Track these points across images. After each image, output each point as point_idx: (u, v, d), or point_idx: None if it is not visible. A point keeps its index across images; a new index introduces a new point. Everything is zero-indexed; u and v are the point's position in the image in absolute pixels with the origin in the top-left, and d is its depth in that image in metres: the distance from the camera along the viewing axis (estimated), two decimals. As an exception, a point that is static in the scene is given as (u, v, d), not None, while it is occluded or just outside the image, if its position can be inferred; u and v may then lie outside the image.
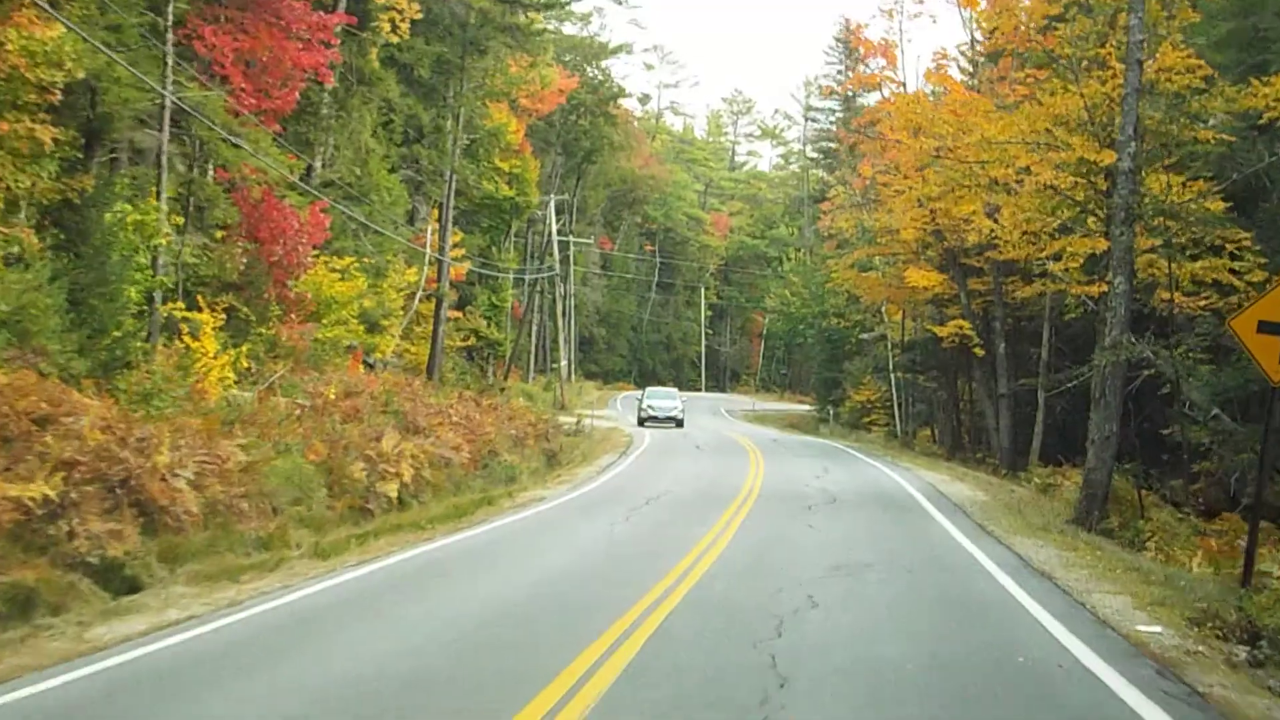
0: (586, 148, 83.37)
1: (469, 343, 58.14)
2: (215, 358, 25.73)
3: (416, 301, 50.46)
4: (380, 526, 17.85)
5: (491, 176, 66.85)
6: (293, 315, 32.14)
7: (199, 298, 27.26)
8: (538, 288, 70.37)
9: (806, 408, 76.52)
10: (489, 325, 69.10)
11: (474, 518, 19.92)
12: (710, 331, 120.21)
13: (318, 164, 38.62)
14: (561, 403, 62.28)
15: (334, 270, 35.03)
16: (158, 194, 25.52)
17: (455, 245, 56.53)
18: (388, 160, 45.43)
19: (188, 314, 25.83)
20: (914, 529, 18.42)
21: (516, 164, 68.36)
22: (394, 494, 20.69)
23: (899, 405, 54.86)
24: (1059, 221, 24.40)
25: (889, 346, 55.23)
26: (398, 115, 47.55)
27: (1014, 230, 27.12)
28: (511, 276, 71.31)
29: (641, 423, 53.55)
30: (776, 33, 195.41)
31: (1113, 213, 20.08)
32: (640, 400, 57.85)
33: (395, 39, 44.48)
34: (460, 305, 58.27)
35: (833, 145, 74.51)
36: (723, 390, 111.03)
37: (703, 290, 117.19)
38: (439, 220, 52.59)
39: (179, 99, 25.89)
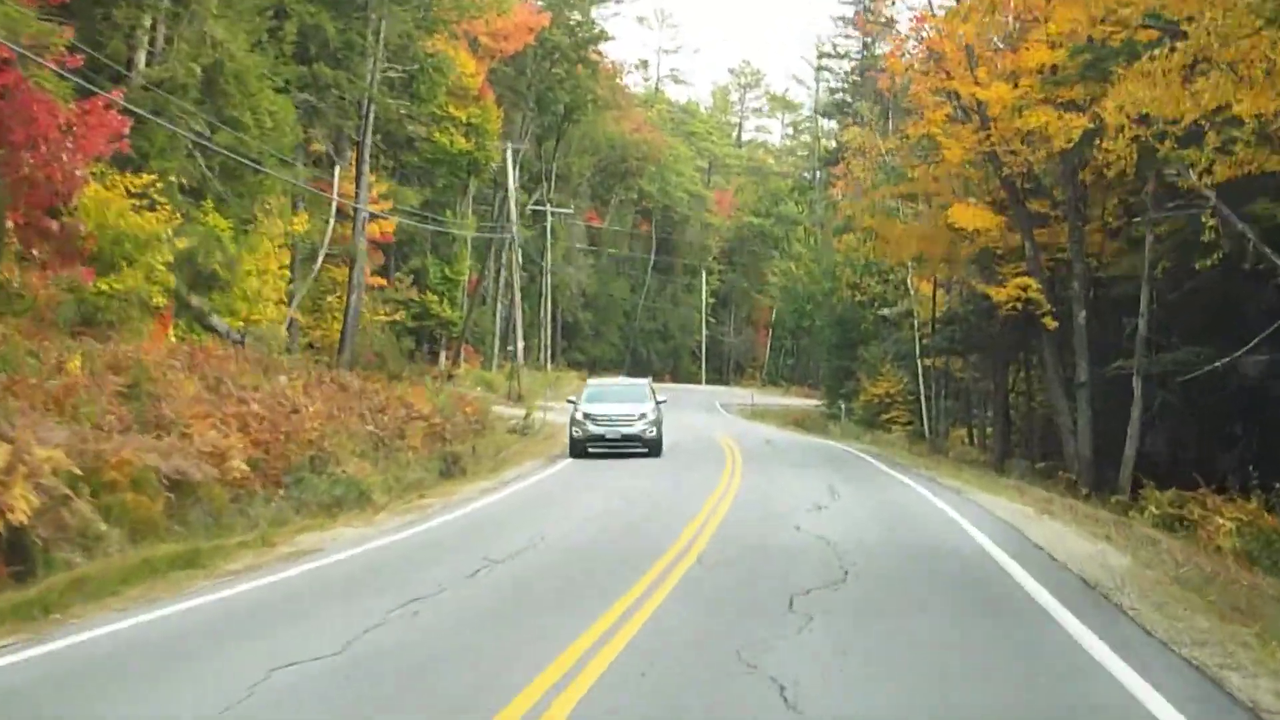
0: (566, 103, 72.61)
1: (395, 318, 47.48)
2: None
3: (319, 262, 39.89)
4: None
5: (445, 126, 56.54)
6: (35, 251, 21.70)
7: None
8: (501, 259, 59.61)
9: (815, 403, 65.76)
10: (441, 301, 58.64)
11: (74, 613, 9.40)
12: (712, 320, 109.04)
13: (140, 57, 28.19)
14: (518, 393, 51.69)
15: (134, 196, 24.61)
16: None
17: (383, 197, 45.99)
18: (274, 79, 34.78)
19: None
20: (1054, 701, 7.15)
21: (475, 113, 57.83)
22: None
23: (927, 399, 44.17)
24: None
25: (915, 326, 44.50)
26: (291, 22, 36.93)
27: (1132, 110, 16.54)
28: (469, 243, 60.77)
29: (577, 448, 29.24)
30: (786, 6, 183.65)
31: None
32: (575, 405, 31.01)
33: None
34: (385, 271, 47.53)
35: (846, 98, 63.44)
36: (726, 384, 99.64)
37: (704, 274, 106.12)
38: (356, 163, 42.01)
39: None
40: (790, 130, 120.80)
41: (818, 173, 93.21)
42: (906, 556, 12.96)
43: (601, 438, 29.10)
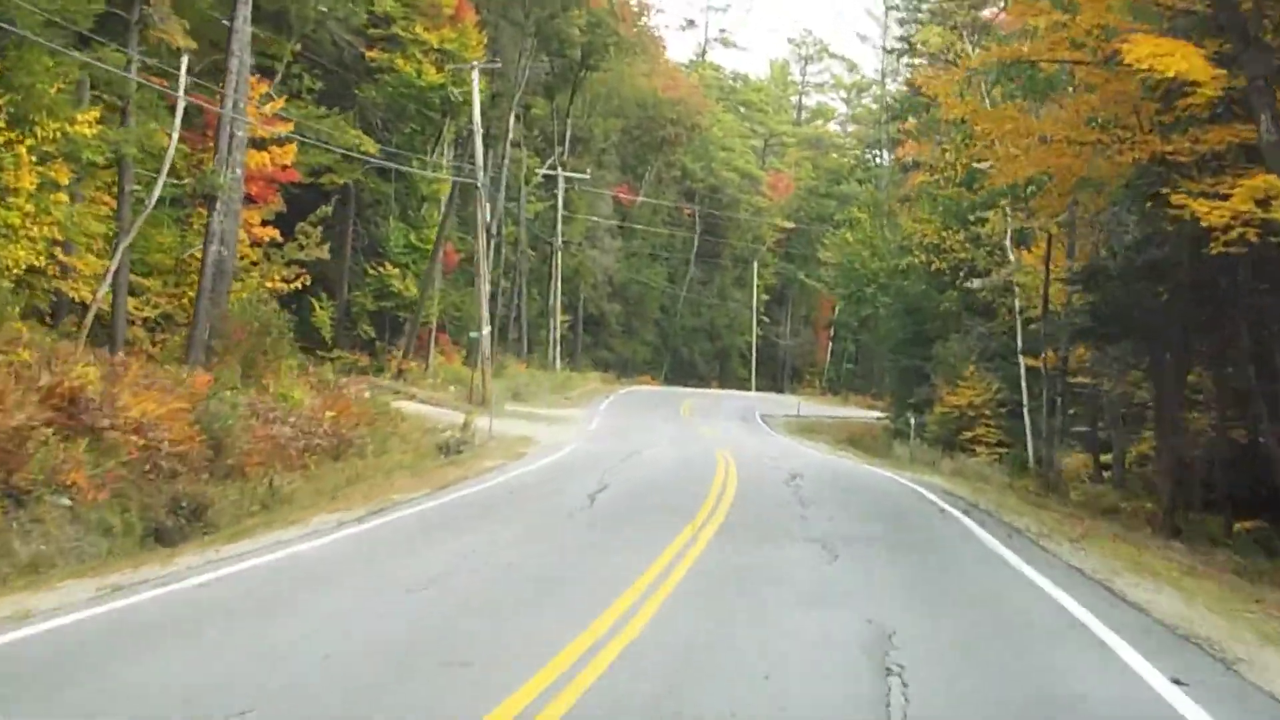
0: (582, 45, 60.16)
1: (296, 285, 35.03)
2: None
3: (157, 192, 27.39)
4: None
5: (411, 52, 44.53)
6: None
7: None
8: (485, 220, 46.90)
9: (877, 415, 52.49)
10: (404, 277, 46.36)
11: None
12: (766, 319, 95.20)
13: None
14: (482, 395, 39.19)
15: None
16: None
17: (281, 117, 33.52)
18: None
19: None
20: None
21: (450, 36, 45.63)
22: None
23: (1031, 413, 31.07)
24: None
25: (1016, 309, 31.42)
26: None
27: None
28: (442, 204, 48.41)
29: None
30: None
31: None
32: None
33: None
34: (283, 222, 34.98)
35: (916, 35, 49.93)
36: (780, 391, 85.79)
37: (756, 266, 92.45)
38: (233, 57, 29.55)
39: None
40: (854, 86, 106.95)
41: (884, 152, 79.98)
42: None
43: None
